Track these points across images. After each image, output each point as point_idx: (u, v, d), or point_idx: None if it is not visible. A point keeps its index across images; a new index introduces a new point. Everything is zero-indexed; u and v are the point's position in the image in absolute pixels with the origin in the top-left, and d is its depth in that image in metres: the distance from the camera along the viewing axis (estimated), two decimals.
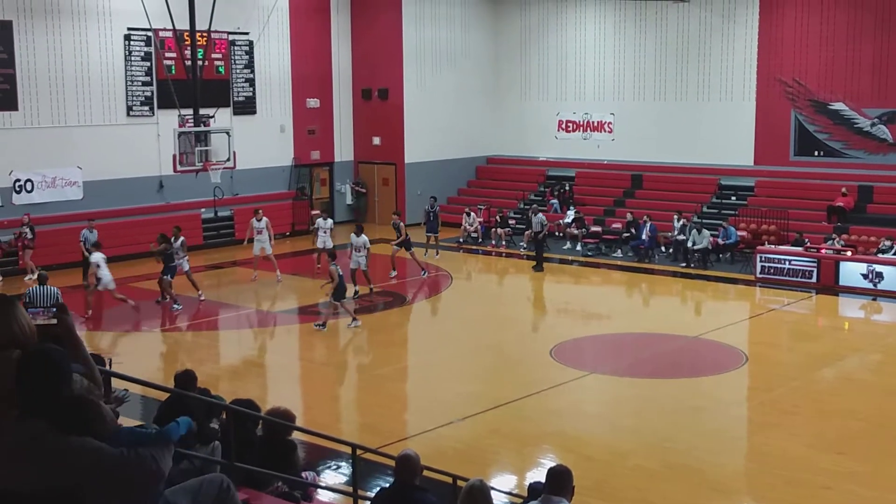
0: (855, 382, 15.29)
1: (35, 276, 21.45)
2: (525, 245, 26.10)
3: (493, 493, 6.55)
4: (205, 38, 23.97)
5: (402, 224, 23.22)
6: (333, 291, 18.02)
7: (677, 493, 10.88)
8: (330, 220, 23.85)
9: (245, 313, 20.13)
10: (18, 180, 23.37)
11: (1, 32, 22.72)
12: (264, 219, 22.62)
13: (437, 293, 22.14)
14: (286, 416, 7.69)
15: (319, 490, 8.48)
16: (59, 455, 3.39)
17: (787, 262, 21.80)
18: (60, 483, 3.40)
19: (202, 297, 20.48)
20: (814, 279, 21.38)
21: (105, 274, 18.86)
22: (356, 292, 20.38)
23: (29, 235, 22.14)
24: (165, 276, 19.82)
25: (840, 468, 11.48)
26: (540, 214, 24.39)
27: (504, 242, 26.91)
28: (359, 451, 8.88)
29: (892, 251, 21.53)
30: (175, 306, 19.79)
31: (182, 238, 20.27)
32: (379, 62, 30.15)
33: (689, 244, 23.77)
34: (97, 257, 19.04)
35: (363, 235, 20.73)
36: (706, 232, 23.87)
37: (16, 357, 3.66)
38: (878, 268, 20.73)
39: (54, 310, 4.17)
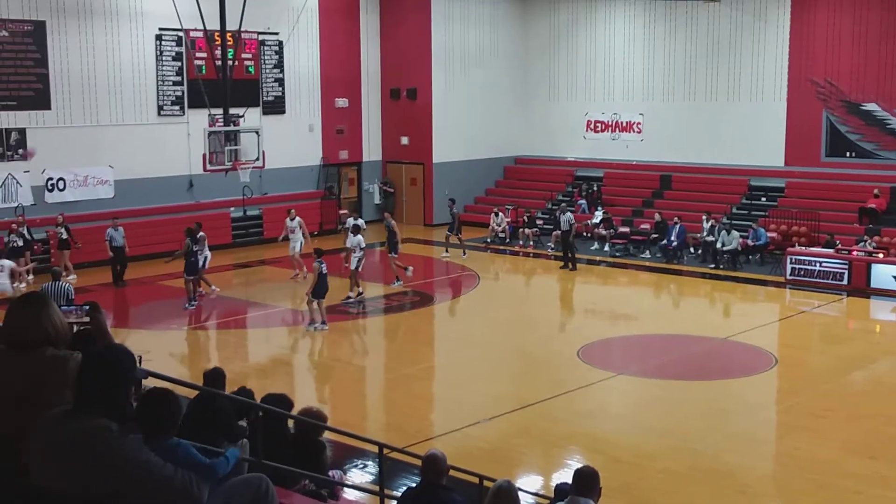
0: (886, 386, 15.12)
1: (72, 277, 21.71)
2: (553, 245, 26.05)
3: (519, 493, 6.54)
4: (235, 38, 24.14)
5: (394, 223, 22.65)
6: (312, 289, 17.96)
7: (705, 496, 10.82)
8: (361, 220, 23.82)
9: (272, 312, 20.21)
10: (51, 179, 23.63)
11: (34, 33, 22.99)
12: (297, 218, 22.70)
13: (465, 293, 22.12)
14: (318, 417, 7.72)
15: (346, 489, 8.51)
16: (107, 458, 3.36)
17: (817, 264, 21.59)
18: (101, 486, 3.38)
19: (215, 292, 20.65)
20: (845, 281, 21.16)
21: (4, 282, 19.18)
22: (360, 293, 20.41)
23: (63, 235, 22.30)
24: (188, 277, 19.93)
25: (871, 473, 11.37)
26: (568, 213, 24.33)
27: (532, 243, 26.86)
28: (385, 451, 8.89)
29: None
30: (187, 305, 19.81)
31: (202, 233, 20.42)
32: (408, 62, 30.20)
33: (719, 245, 23.62)
34: (5, 264, 19.45)
35: (358, 236, 20.69)
36: (735, 233, 23.70)
37: (49, 356, 3.68)
38: None
39: (87, 308, 4.19)
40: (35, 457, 3.47)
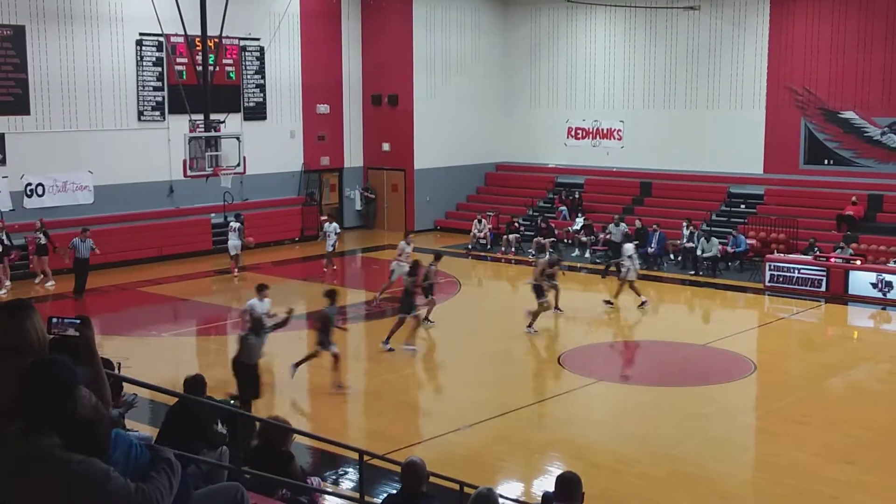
0: (864, 392, 15.25)
1: (50, 283, 21.51)
2: (534, 252, 26.11)
3: (501, 500, 6.55)
4: (216, 44, 24.07)
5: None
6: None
7: (685, 502, 10.87)
8: (335, 225, 23.86)
9: None
10: (30, 184, 23.47)
11: (14, 37, 22.84)
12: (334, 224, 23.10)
13: (446, 300, 22.11)
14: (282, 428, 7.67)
15: (326, 496, 8.49)
16: (63, 476, 3.30)
17: (796, 271, 21.75)
18: None
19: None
20: (823, 288, 21.31)
21: None
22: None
23: (42, 241, 22.10)
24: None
25: (849, 478, 11.45)
26: (623, 225, 24.41)
27: (513, 249, 26.90)
28: (366, 457, 8.89)
29: None
30: (409, 347, 16.98)
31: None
32: (389, 68, 30.21)
33: (699, 252, 23.72)
34: None
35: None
36: (715, 240, 23.82)
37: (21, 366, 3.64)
38: (888, 277, 20.68)
39: (78, 321, 4.16)
40: None
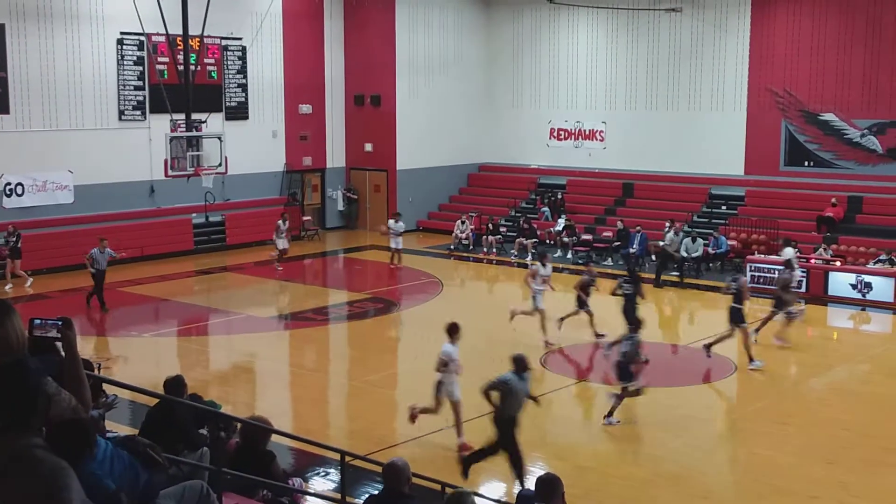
0: (844, 392, 15.34)
1: (21, 285, 21.28)
2: (516, 253, 26.12)
3: (483, 501, 6.55)
4: (198, 43, 23.96)
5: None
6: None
7: (667, 502, 10.89)
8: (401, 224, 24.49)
9: (234, 319, 20.08)
10: (9, 184, 23.28)
11: None
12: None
13: (428, 300, 22.11)
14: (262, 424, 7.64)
15: (307, 497, 8.46)
16: (35, 474, 3.30)
17: (776, 272, 21.80)
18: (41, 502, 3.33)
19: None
20: (803, 289, 21.42)
21: None
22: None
23: (16, 244, 21.79)
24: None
25: (829, 478, 11.51)
26: (681, 233, 24.01)
27: (495, 250, 26.92)
28: (347, 458, 8.87)
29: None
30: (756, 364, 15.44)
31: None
32: (372, 69, 30.16)
33: (683, 253, 23.78)
34: None
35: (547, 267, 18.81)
36: (700, 241, 23.91)
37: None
38: (867, 278, 20.82)
39: (59, 323, 4.15)
40: None
